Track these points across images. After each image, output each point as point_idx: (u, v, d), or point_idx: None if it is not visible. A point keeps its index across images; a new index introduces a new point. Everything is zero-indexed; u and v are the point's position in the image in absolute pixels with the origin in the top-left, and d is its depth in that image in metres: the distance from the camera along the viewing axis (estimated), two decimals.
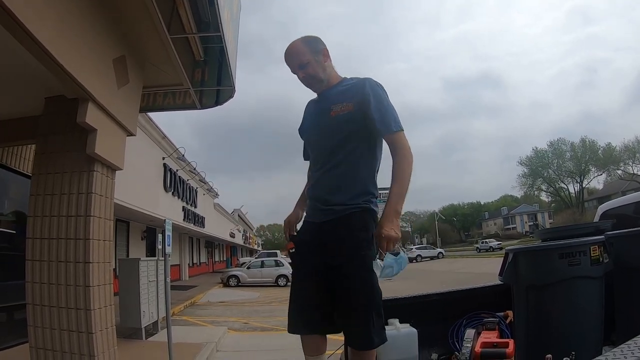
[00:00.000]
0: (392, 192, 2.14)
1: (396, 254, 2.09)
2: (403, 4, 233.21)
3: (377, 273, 2.09)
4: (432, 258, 46.36)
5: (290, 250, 2.41)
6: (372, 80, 2.33)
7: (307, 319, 2.25)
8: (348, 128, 2.27)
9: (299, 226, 2.54)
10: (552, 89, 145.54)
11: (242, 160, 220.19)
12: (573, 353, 1.98)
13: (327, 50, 2.43)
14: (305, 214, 2.50)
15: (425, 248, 52.92)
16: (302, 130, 2.59)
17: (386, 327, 2.59)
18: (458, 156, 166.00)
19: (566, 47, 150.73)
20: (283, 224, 2.58)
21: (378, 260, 2.09)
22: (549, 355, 2.00)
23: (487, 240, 62.13)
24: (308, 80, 2.40)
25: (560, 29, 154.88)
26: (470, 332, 2.89)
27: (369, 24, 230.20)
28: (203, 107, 5.38)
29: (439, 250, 51.48)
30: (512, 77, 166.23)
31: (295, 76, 2.42)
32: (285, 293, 16.95)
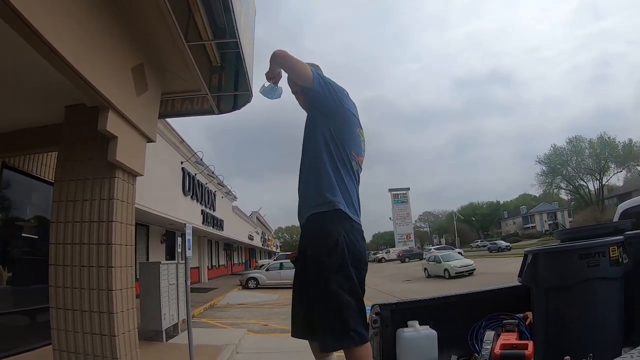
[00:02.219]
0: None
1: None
2: (410, 4, 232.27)
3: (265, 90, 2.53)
4: None
5: (292, 260, 2.51)
6: None
7: (295, 325, 2.37)
8: (309, 129, 2.42)
9: None
10: (566, 85, 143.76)
11: (258, 163, 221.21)
12: (591, 355, 1.97)
13: None
14: None
15: (444, 249, 52.36)
16: None
17: (406, 329, 2.61)
18: (473, 155, 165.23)
19: (578, 41, 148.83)
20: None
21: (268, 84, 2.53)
22: (567, 357, 1.99)
23: (496, 241, 62.50)
24: None
25: (571, 23, 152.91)
26: (489, 334, 2.87)
27: (376, 26, 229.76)
28: (221, 112, 5.42)
29: (458, 250, 51.00)
30: (524, 75, 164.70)
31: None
32: None
